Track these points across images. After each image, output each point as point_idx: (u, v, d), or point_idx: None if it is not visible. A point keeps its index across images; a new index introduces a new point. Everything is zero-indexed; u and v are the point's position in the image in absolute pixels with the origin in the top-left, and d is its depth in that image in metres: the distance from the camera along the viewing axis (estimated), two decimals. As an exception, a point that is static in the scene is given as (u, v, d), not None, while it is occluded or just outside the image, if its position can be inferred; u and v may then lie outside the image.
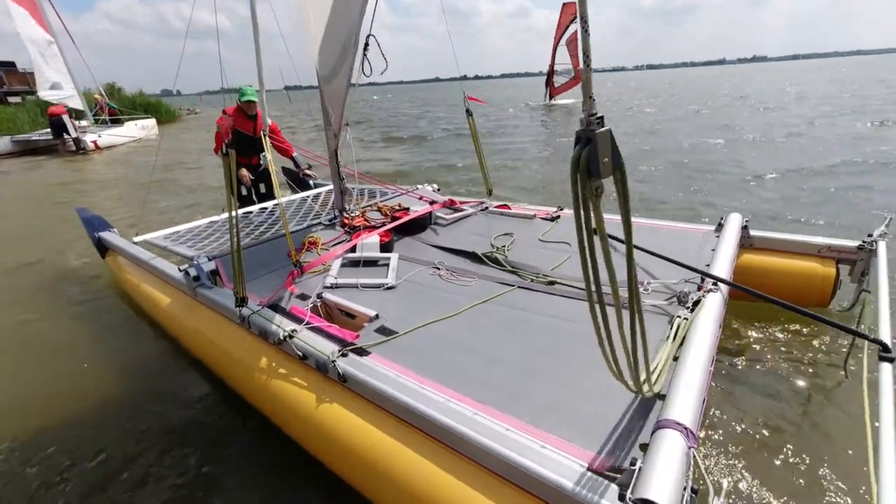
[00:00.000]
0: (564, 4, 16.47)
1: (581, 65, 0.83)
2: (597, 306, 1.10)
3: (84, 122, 15.21)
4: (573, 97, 19.61)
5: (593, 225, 1.01)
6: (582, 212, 0.94)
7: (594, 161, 0.78)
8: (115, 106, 16.36)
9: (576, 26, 15.75)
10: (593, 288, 1.09)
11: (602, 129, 0.77)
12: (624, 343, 1.17)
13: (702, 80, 47.00)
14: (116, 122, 15.86)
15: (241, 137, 4.42)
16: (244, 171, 4.47)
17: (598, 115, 0.77)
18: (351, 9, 2.33)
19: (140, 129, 16.17)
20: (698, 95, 24.52)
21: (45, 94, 14.25)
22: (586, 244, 0.98)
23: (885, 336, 1.69)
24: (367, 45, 2.46)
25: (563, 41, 17.14)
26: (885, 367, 1.51)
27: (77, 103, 14.63)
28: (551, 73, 17.66)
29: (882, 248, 2.35)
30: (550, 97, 19.96)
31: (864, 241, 2.42)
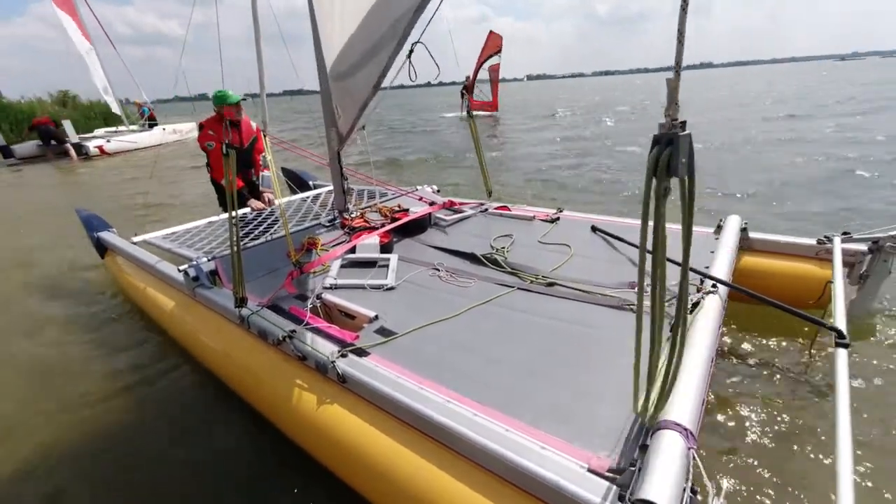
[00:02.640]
0: (490, 32, 16.58)
1: (672, 73, 0.86)
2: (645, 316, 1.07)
3: (121, 127, 15.52)
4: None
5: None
6: (651, 209, 0.93)
7: (675, 160, 0.81)
8: (147, 110, 16.39)
9: (498, 58, 16.00)
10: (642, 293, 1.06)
11: (684, 133, 0.80)
12: (640, 356, 1.15)
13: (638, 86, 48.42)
14: (153, 126, 15.90)
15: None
16: (257, 203, 4.01)
17: (681, 120, 0.80)
18: (392, 10, 2.07)
19: (171, 133, 16.08)
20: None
21: (105, 98, 14.92)
22: (655, 242, 0.98)
23: (840, 324, 1.79)
24: (411, 50, 2.37)
25: (485, 65, 17.12)
26: (841, 353, 1.62)
27: (116, 109, 15.19)
28: (471, 86, 17.21)
29: (837, 242, 2.46)
30: (469, 109, 19.11)
31: (871, 244, 2.43)
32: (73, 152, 13.25)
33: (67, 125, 13.56)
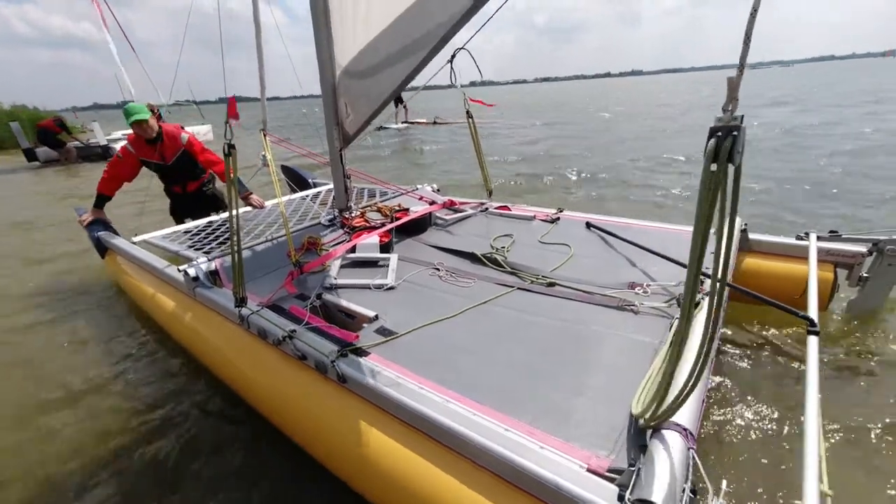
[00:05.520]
0: None
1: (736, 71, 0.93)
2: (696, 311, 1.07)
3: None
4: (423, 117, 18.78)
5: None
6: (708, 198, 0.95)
7: (735, 149, 0.88)
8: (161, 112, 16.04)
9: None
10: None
11: (742, 125, 0.88)
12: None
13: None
14: None
15: (154, 168, 3.75)
16: (88, 217, 3.76)
17: (740, 115, 0.88)
18: (433, 14, 2.00)
19: None
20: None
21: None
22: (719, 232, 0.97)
23: (812, 313, 1.90)
24: (453, 55, 2.34)
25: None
26: (812, 340, 1.68)
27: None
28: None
29: (813, 238, 2.54)
30: (406, 120, 18.81)
31: (871, 247, 2.44)
32: (73, 155, 13.27)
33: (96, 127, 13.52)
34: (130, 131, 3.57)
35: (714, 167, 0.91)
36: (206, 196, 4.15)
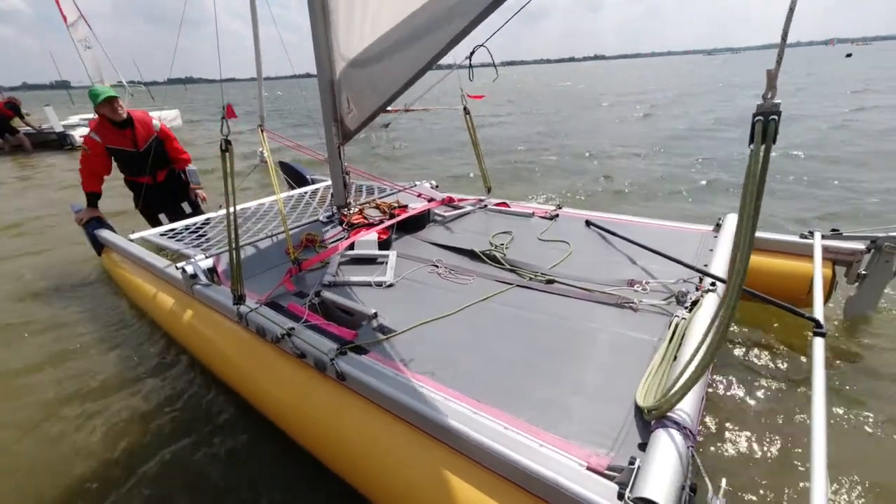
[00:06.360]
0: None
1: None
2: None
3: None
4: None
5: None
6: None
7: (775, 129, 0.99)
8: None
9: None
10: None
11: (780, 110, 0.99)
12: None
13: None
14: None
15: (122, 157, 3.52)
16: (83, 216, 3.56)
17: (778, 101, 0.98)
18: (455, 4, 1.83)
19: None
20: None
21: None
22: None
23: (818, 314, 1.83)
24: (472, 52, 2.31)
25: None
26: (818, 341, 1.64)
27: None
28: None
29: (818, 237, 2.49)
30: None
31: (870, 244, 2.43)
32: (26, 143, 11.64)
33: (49, 112, 11.48)
34: (89, 116, 3.44)
35: (757, 147, 1.00)
36: (179, 182, 3.91)
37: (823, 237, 2.53)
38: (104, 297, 3.73)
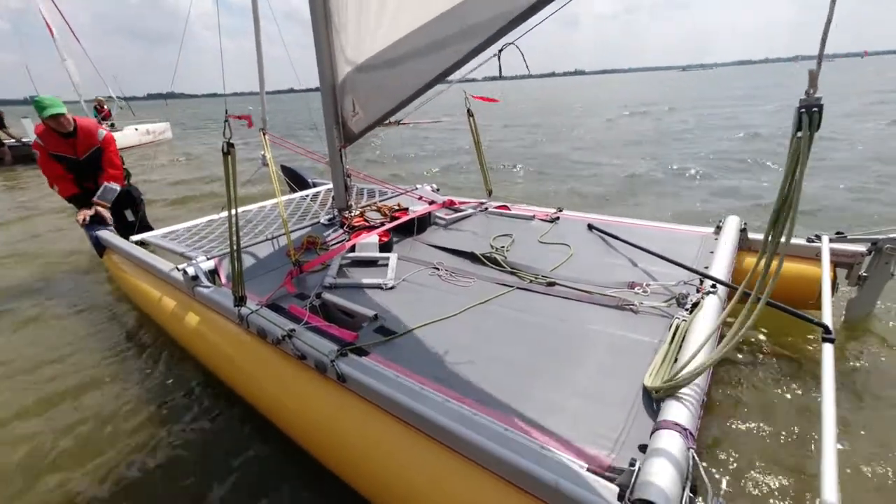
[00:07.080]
0: None
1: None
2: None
3: None
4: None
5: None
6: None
7: (819, 118, 1.05)
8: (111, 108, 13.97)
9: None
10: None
11: (822, 104, 1.05)
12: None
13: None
14: (111, 125, 12.98)
15: (65, 162, 3.60)
16: (86, 213, 3.59)
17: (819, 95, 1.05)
18: (485, 8, 1.80)
19: (144, 133, 14.70)
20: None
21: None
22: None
23: (827, 319, 1.83)
24: (501, 49, 2.30)
25: None
26: (827, 347, 1.63)
27: (82, 106, 11.86)
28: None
29: (825, 240, 2.47)
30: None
31: (870, 246, 2.43)
32: (7, 156, 11.36)
33: (27, 123, 11.14)
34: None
35: (800, 134, 1.08)
36: (124, 190, 3.96)
37: (831, 240, 2.51)
38: (103, 297, 3.74)
